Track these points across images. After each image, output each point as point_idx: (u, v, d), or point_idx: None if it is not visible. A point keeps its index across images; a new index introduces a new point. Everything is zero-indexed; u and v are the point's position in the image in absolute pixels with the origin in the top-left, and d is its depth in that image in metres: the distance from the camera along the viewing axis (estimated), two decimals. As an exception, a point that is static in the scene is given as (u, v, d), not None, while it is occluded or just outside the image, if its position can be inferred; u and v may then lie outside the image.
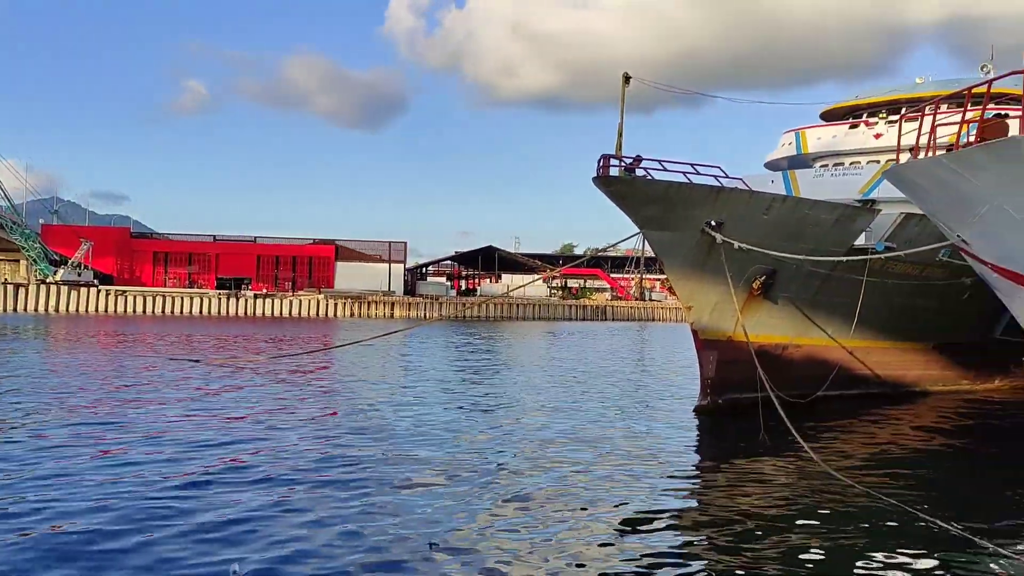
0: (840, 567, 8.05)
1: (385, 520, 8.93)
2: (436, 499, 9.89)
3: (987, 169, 10.50)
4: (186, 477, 10.44)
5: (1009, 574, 7.89)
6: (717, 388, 17.96)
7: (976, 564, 8.13)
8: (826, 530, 9.26)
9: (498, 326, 61.44)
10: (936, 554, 8.40)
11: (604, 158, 16.69)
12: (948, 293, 19.57)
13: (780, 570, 7.88)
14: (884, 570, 7.95)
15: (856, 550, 8.58)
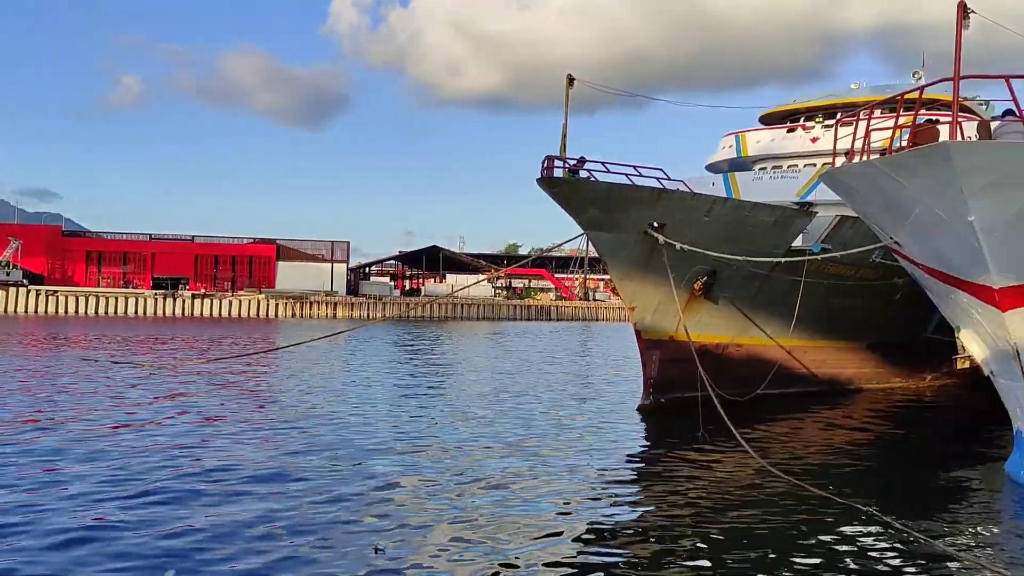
0: (776, 558, 8.22)
1: (329, 525, 8.82)
2: (380, 502, 9.80)
3: (918, 173, 10.82)
4: (124, 489, 10.11)
5: (939, 564, 8.14)
6: (660, 387, 18.17)
7: (906, 553, 8.38)
8: (763, 522, 9.48)
9: (443, 326, 61.23)
10: (868, 544, 8.65)
11: (548, 159, 16.75)
12: (881, 294, 20.15)
13: (718, 562, 8.03)
14: (819, 560, 8.14)
15: (791, 541, 8.79)
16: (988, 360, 12.32)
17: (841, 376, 21.80)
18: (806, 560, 8.24)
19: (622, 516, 9.81)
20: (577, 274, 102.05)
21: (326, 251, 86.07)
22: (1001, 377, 12.24)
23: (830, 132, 20.85)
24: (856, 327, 20.82)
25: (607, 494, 10.75)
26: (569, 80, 17.70)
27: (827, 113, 25.57)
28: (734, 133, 28.01)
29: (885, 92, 22.87)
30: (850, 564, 8.13)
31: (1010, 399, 12.21)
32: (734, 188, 23.66)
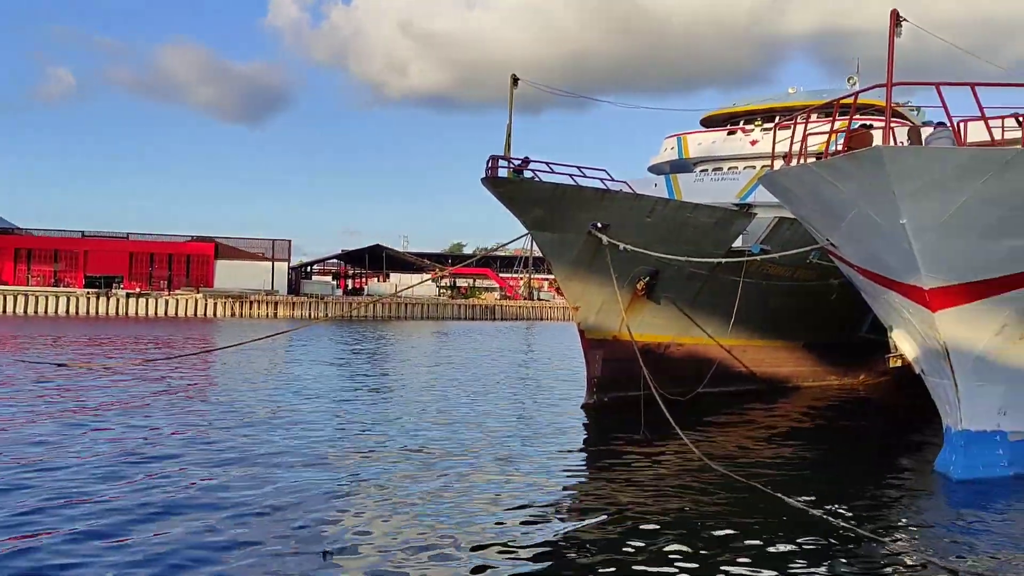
0: (715, 550, 8.36)
1: (277, 531, 8.67)
2: (327, 507, 9.66)
3: (853, 177, 11.09)
4: (56, 491, 9.79)
5: (874, 556, 8.35)
6: (603, 386, 18.31)
7: (838, 545, 8.58)
8: (703, 516, 9.63)
9: (386, 326, 60.75)
10: (803, 537, 8.83)
11: (493, 159, 16.75)
12: (818, 294, 20.63)
13: (660, 555, 8.12)
14: (756, 552, 8.29)
15: (730, 534, 8.94)
16: (919, 359, 12.70)
17: (779, 374, 22.26)
18: (744, 552, 8.39)
19: (566, 513, 9.85)
20: (522, 274, 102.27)
21: (266, 249, 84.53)
22: (931, 375, 12.63)
23: (769, 135, 21.24)
24: (793, 327, 21.28)
25: (550, 492, 10.79)
26: (513, 80, 17.72)
27: (766, 117, 26.07)
28: (676, 135, 28.37)
29: (821, 97, 23.43)
30: (786, 556, 8.30)
31: (939, 397, 12.61)
32: (676, 189, 23.97)
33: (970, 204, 10.51)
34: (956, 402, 12.08)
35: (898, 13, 10.88)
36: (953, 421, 12.28)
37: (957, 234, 10.79)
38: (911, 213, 10.70)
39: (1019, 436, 12.25)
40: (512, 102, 17.59)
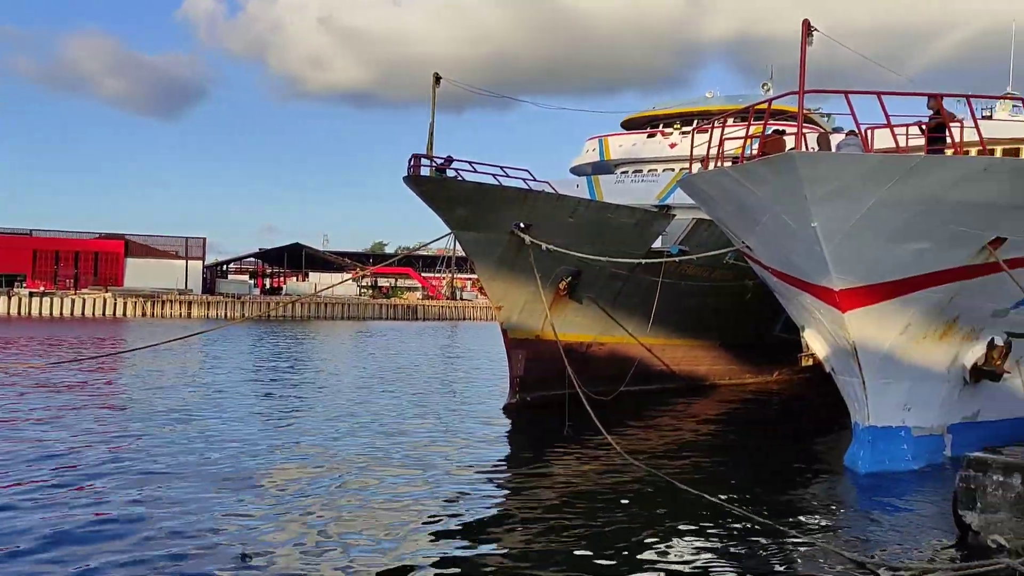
0: (638, 548, 8.48)
1: (194, 534, 8.45)
2: (245, 510, 9.44)
3: (767, 181, 11.42)
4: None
5: (787, 548, 8.61)
6: (526, 386, 18.39)
7: (754, 538, 8.82)
8: (626, 513, 9.79)
9: (306, 326, 59.66)
10: (721, 532, 9.06)
11: (415, 158, 16.64)
12: (733, 294, 21.19)
13: (583, 555, 8.18)
14: (677, 548, 8.45)
15: (652, 530, 9.09)
16: (829, 357, 13.17)
17: (697, 373, 22.77)
18: (665, 547, 8.55)
19: (490, 512, 9.85)
20: (444, 273, 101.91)
21: (180, 247, 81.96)
22: (841, 374, 13.11)
23: (687, 139, 21.73)
24: (710, 326, 21.80)
25: (474, 492, 10.76)
26: (436, 78, 17.63)
27: (684, 120, 26.65)
28: (597, 137, 28.73)
29: (737, 102, 24.10)
30: (705, 549, 8.48)
31: (848, 394, 13.10)
32: (597, 191, 24.26)
33: (877, 208, 10.95)
34: (864, 399, 12.57)
35: (809, 23, 11.25)
36: (861, 417, 12.78)
37: (865, 237, 11.23)
38: (822, 216, 11.08)
39: (921, 431, 12.84)
40: (434, 100, 17.51)
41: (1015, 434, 13.08)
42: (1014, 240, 11.74)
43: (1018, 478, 8.28)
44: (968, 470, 8.70)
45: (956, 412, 13.26)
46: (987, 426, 13.53)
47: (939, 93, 12.09)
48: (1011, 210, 11.41)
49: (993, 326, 12.76)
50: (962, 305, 12.27)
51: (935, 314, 12.24)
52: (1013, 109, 20.24)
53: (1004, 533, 8.32)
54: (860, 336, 12.08)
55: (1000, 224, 11.52)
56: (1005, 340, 12.83)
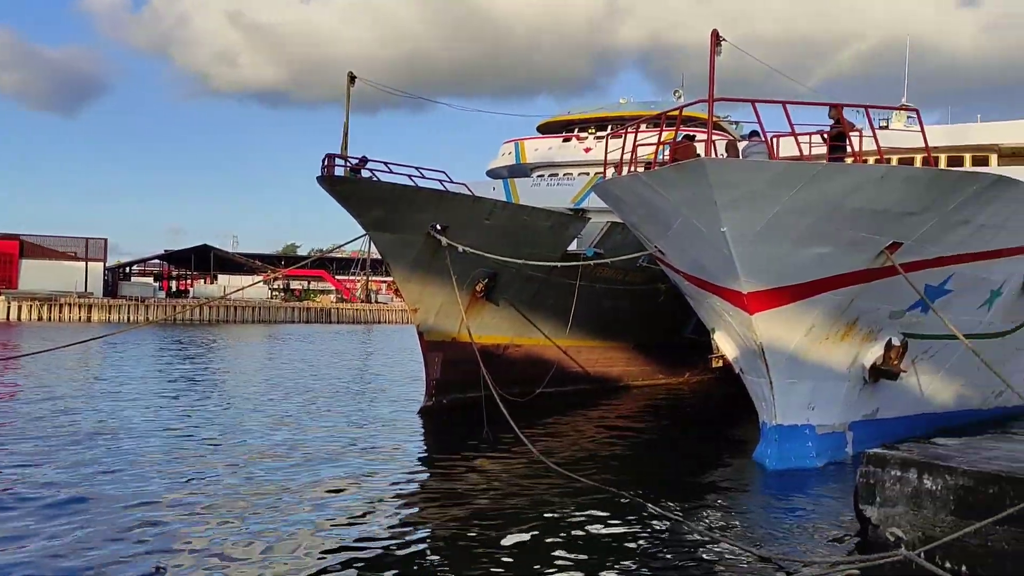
0: (553, 549, 8.50)
1: (106, 545, 8.12)
2: (155, 521, 9.09)
3: (678, 187, 11.66)
4: None
5: (698, 545, 8.79)
6: (442, 388, 18.29)
7: (670, 537, 8.98)
8: (543, 516, 9.78)
9: (215, 330, 57.92)
10: (638, 531, 9.18)
11: (329, 157, 16.39)
12: (646, 297, 21.58)
13: (498, 557, 8.17)
14: (595, 549, 8.52)
15: (568, 533, 9.12)
16: (738, 359, 13.54)
17: (611, 374, 23.10)
18: (581, 547, 8.60)
19: (406, 516, 9.71)
20: (359, 276, 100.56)
21: (79, 248, 78.41)
22: (749, 374, 13.50)
23: (601, 143, 22.04)
24: (624, 328, 22.15)
25: (389, 496, 10.62)
26: (350, 78, 17.41)
27: (598, 125, 27.04)
28: (514, 140, 28.87)
29: (650, 108, 24.58)
30: (620, 549, 8.58)
31: (756, 394, 13.50)
32: (514, 193, 24.37)
33: (782, 214, 11.32)
34: (771, 398, 12.97)
35: (718, 33, 11.56)
36: (768, 416, 13.18)
37: (771, 241, 11.59)
38: (730, 221, 11.38)
39: (825, 429, 13.33)
40: (349, 100, 17.30)
41: (911, 431, 13.73)
42: (909, 245, 12.31)
43: (914, 473, 8.65)
44: (868, 466, 9.04)
45: (857, 410, 13.81)
46: (885, 423, 14.15)
47: (840, 103, 12.59)
48: (906, 216, 11.97)
49: (890, 327, 13.35)
50: (862, 307, 12.80)
51: (836, 316, 12.72)
52: (908, 120, 21.27)
53: (901, 526, 8.68)
54: (767, 337, 12.46)
55: (896, 230, 12.06)
56: (902, 340, 13.43)
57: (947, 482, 8.39)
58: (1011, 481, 7.94)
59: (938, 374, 15.06)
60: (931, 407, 15.42)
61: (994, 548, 7.81)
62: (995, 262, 14.13)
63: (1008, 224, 13.68)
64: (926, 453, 9.15)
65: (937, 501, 8.45)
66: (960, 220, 12.58)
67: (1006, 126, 21.71)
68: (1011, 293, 15.60)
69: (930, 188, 11.85)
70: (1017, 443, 10.28)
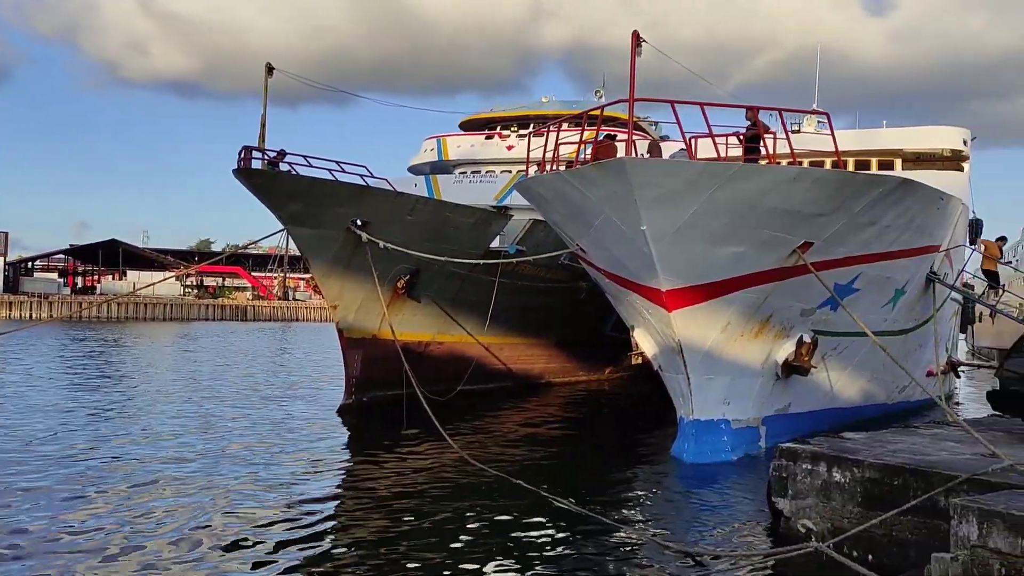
0: (475, 547, 8.47)
1: None
2: (61, 528, 8.70)
3: (599, 185, 11.76)
4: None
5: (619, 541, 8.88)
6: (362, 386, 18.04)
7: (590, 534, 9.04)
8: (466, 514, 9.75)
9: (123, 327, 55.82)
10: (560, 529, 9.21)
11: (246, 150, 16.02)
12: (568, 294, 21.74)
13: (420, 556, 8.08)
14: (515, 546, 8.51)
15: (490, 530, 9.12)
16: (657, 356, 13.76)
17: (533, 371, 23.19)
18: (502, 544, 8.59)
19: (326, 515, 9.51)
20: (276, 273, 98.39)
21: (-23, 242, 74.52)
22: (667, 371, 13.73)
23: (524, 141, 22.09)
24: (546, 325, 22.27)
25: (306, 495, 10.40)
26: (268, 69, 17.01)
27: (521, 124, 27.13)
28: (436, 137, 28.71)
29: (572, 107, 24.77)
30: (541, 546, 8.59)
31: (674, 390, 13.74)
32: (436, 190, 24.23)
33: (700, 212, 11.54)
34: (688, 394, 13.22)
35: (639, 34, 11.70)
36: (686, 412, 13.44)
37: (689, 240, 11.81)
38: (650, 220, 11.54)
39: (739, 424, 13.67)
40: (267, 92, 16.91)
41: (821, 425, 14.20)
42: (819, 245, 12.73)
43: (824, 466, 8.93)
44: (780, 460, 9.30)
45: (770, 405, 14.20)
46: (796, 418, 14.60)
47: (756, 106, 12.92)
48: (817, 217, 12.36)
49: (802, 324, 13.78)
50: (775, 305, 13.17)
51: (751, 313, 13.06)
52: (819, 124, 22.00)
53: (812, 518, 8.95)
54: (685, 334, 12.69)
55: (808, 230, 12.45)
56: (812, 337, 13.88)
57: (855, 475, 8.70)
58: (914, 473, 8.27)
59: (846, 370, 15.63)
60: (840, 402, 15.99)
61: (899, 538, 8.13)
62: (899, 262, 14.74)
63: (911, 226, 14.30)
64: (835, 447, 9.47)
65: (845, 493, 8.75)
66: (867, 221, 13.07)
67: (910, 132, 22.71)
68: (914, 292, 16.32)
69: (839, 190, 12.27)
70: (919, 436, 10.75)
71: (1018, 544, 6.31)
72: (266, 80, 16.93)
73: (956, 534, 6.70)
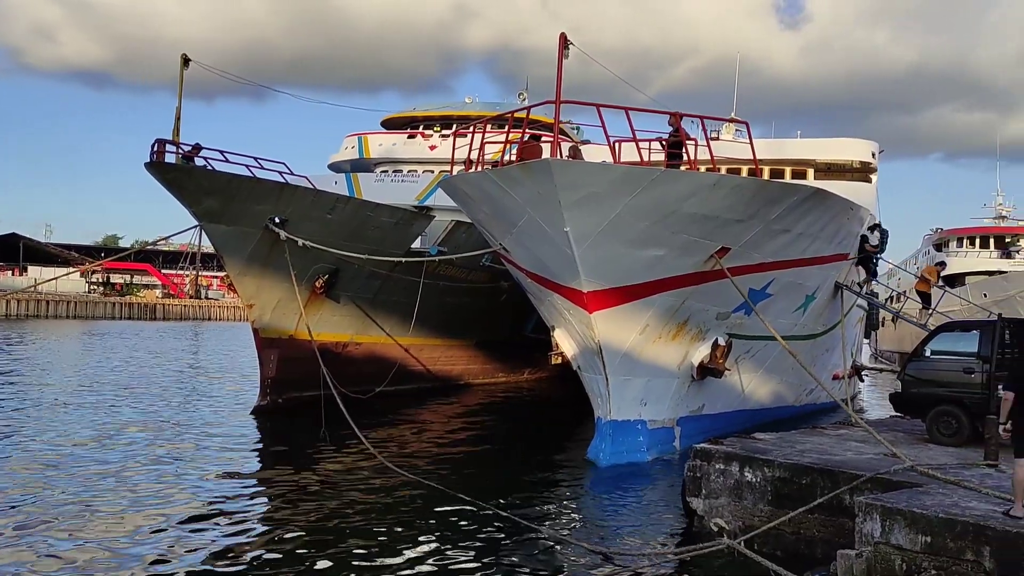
0: (392, 550, 8.37)
1: None
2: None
3: (523, 186, 11.79)
4: None
5: (535, 543, 8.89)
6: (278, 387, 17.65)
7: (507, 534, 9.04)
8: (381, 516, 9.63)
9: (23, 325, 53.21)
10: (477, 530, 9.19)
11: (159, 143, 15.54)
12: (489, 295, 21.74)
13: (335, 558, 7.94)
14: (432, 549, 8.44)
15: (408, 533, 9.02)
16: (577, 356, 13.87)
17: (453, 372, 23.11)
18: (420, 547, 8.51)
19: (240, 519, 9.24)
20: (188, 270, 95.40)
21: None
22: (586, 371, 13.85)
23: (447, 141, 22.01)
24: (467, 326, 22.22)
25: (220, 499, 10.09)
26: (184, 60, 16.54)
27: (444, 123, 27.01)
28: (357, 135, 28.34)
29: (495, 109, 24.79)
30: (459, 548, 8.55)
31: (593, 391, 13.87)
32: (356, 188, 23.91)
33: (622, 216, 11.69)
34: (606, 395, 13.37)
35: (566, 36, 11.77)
36: (603, 412, 13.58)
37: (611, 242, 11.94)
38: (573, 221, 11.63)
39: (655, 424, 13.89)
40: (182, 84, 16.44)
41: (734, 426, 14.56)
42: (736, 250, 13.06)
43: (736, 466, 9.16)
44: (694, 460, 9.50)
45: (685, 406, 14.50)
46: (710, 419, 14.94)
47: (678, 112, 13.16)
48: (734, 223, 12.67)
49: (717, 328, 14.11)
50: (692, 308, 13.44)
51: (669, 316, 13.30)
52: (736, 132, 22.62)
53: (724, 516, 9.17)
54: (605, 336, 12.83)
55: (725, 235, 12.76)
56: (727, 340, 14.23)
57: (765, 474, 8.95)
58: (822, 472, 8.56)
59: (758, 372, 16.09)
60: (751, 403, 16.45)
61: (806, 535, 8.40)
62: (810, 268, 15.26)
63: (823, 234, 14.82)
64: (747, 447, 9.72)
65: (756, 492, 8.99)
66: (781, 229, 13.48)
67: (822, 143, 23.58)
68: (823, 298, 16.93)
69: (756, 197, 12.61)
70: (826, 437, 11.14)
71: (918, 540, 6.59)
72: (181, 72, 16.45)
73: (860, 531, 6.96)
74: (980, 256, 38.80)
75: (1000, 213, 43.65)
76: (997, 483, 7.77)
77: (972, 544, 6.33)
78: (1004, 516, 6.53)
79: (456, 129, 20.39)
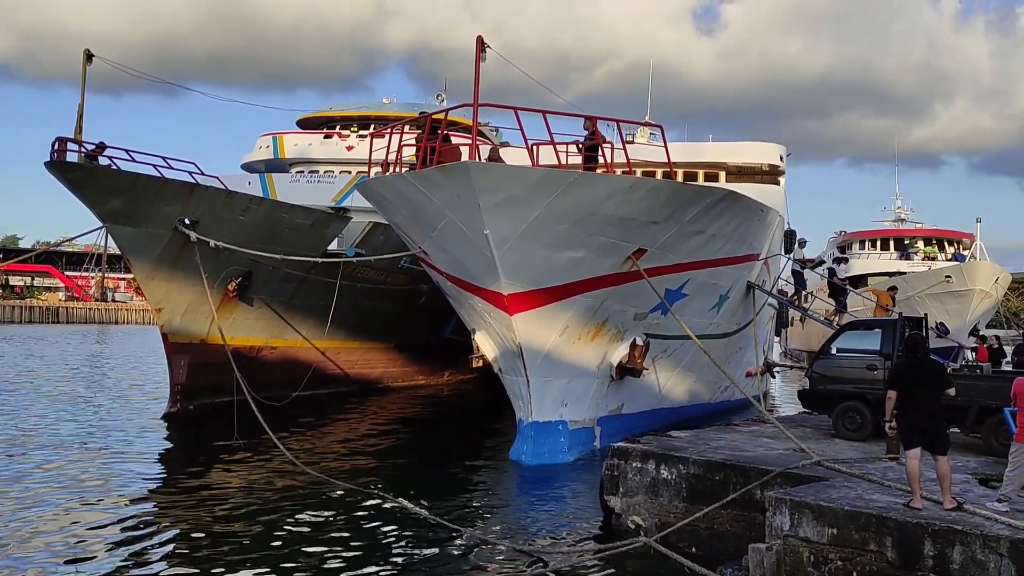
0: (314, 555, 8.22)
1: None
2: None
3: (442, 188, 11.74)
4: None
5: (457, 544, 8.86)
6: (189, 393, 17.12)
7: (429, 536, 8.98)
8: (301, 522, 9.46)
9: (-89, 331, 50.19)
10: (399, 533, 9.11)
11: (60, 141, 14.93)
12: (408, 297, 21.57)
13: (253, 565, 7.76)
14: (353, 554, 8.32)
15: (326, 538, 8.88)
16: (498, 359, 13.89)
17: (372, 375, 22.83)
18: (340, 552, 8.39)
19: (151, 531, 8.90)
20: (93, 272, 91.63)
21: None
22: (508, 373, 13.88)
23: (365, 142, 21.73)
24: (386, 329, 21.99)
25: (129, 511, 9.71)
26: (87, 56, 15.98)
27: (361, 124, 26.66)
28: (271, 134, 27.72)
29: (413, 109, 24.60)
30: (380, 552, 8.45)
31: (514, 392, 13.91)
32: (271, 189, 23.38)
33: (541, 218, 11.75)
34: (528, 396, 13.43)
35: (483, 39, 11.78)
36: (525, 414, 13.63)
37: (531, 245, 12.00)
38: (493, 224, 11.63)
39: (576, 425, 14.02)
40: (84, 80, 15.86)
41: (651, 424, 14.83)
42: (652, 251, 13.29)
43: (652, 464, 9.32)
44: (612, 459, 9.63)
45: (604, 406, 14.68)
46: (629, 418, 15.17)
47: (594, 116, 13.31)
48: (650, 225, 12.90)
49: (635, 328, 14.33)
50: (610, 309, 13.62)
51: (588, 317, 13.44)
52: (651, 136, 23.02)
53: (641, 514, 9.32)
54: (525, 337, 12.88)
55: (641, 237, 12.97)
56: (644, 340, 14.47)
57: (680, 471, 9.14)
58: (734, 468, 8.79)
59: (675, 371, 16.42)
60: (668, 402, 16.78)
61: (720, 530, 8.60)
62: (723, 269, 15.66)
63: (735, 235, 15.23)
64: (663, 445, 9.91)
65: (672, 489, 9.17)
66: (696, 230, 13.78)
67: (733, 147, 24.22)
68: (736, 297, 17.40)
69: (671, 200, 12.87)
70: (739, 433, 11.45)
71: (825, 532, 6.83)
72: (84, 67, 15.86)
73: (771, 525, 7.17)
74: (881, 257, 40.53)
75: (899, 216, 45.66)
76: (899, 476, 8.11)
77: (875, 535, 6.59)
78: (904, 508, 6.83)
79: (374, 130, 20.16)
